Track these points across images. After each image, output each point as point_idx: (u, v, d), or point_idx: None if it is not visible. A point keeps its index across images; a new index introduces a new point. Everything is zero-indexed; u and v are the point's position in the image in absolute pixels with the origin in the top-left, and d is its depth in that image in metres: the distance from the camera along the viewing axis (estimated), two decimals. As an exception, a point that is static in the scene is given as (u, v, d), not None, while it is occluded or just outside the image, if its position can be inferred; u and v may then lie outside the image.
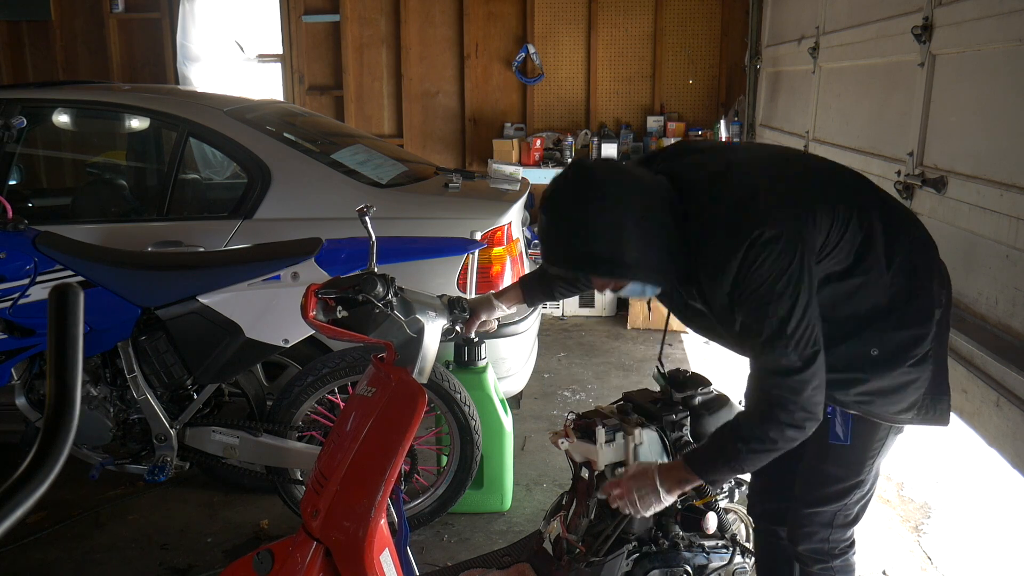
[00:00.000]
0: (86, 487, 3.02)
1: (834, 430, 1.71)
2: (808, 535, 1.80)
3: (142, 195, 3.91)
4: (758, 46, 5.46)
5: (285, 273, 2.53)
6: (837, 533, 1.80)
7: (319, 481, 1.71)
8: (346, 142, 3.57)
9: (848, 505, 1.78)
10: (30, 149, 4.60)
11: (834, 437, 1.72)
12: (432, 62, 6.12)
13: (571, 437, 2.13)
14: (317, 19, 6.09)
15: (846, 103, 3.59)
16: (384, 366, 1.75)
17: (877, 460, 1.76)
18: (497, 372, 3.09)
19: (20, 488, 0.79)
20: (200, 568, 2.67)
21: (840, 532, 1.80)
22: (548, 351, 4.67)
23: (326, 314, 1.70)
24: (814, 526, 1.79)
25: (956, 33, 2.44)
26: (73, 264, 2.55)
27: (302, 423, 2.73)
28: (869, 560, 2.70)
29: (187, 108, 3.18)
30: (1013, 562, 2.76)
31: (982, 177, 2.24)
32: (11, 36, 6.38)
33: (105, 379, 2.67)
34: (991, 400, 2.06)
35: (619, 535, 2.09)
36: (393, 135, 6.19)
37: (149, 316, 2.58)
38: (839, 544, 1.81)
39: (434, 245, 2.79)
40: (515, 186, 3.57)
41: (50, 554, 2.75)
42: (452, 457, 2.78)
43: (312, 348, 2.85)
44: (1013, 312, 2.07)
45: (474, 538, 2.82)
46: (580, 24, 5.97)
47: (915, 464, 3.42)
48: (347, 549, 1.66)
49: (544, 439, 3.50)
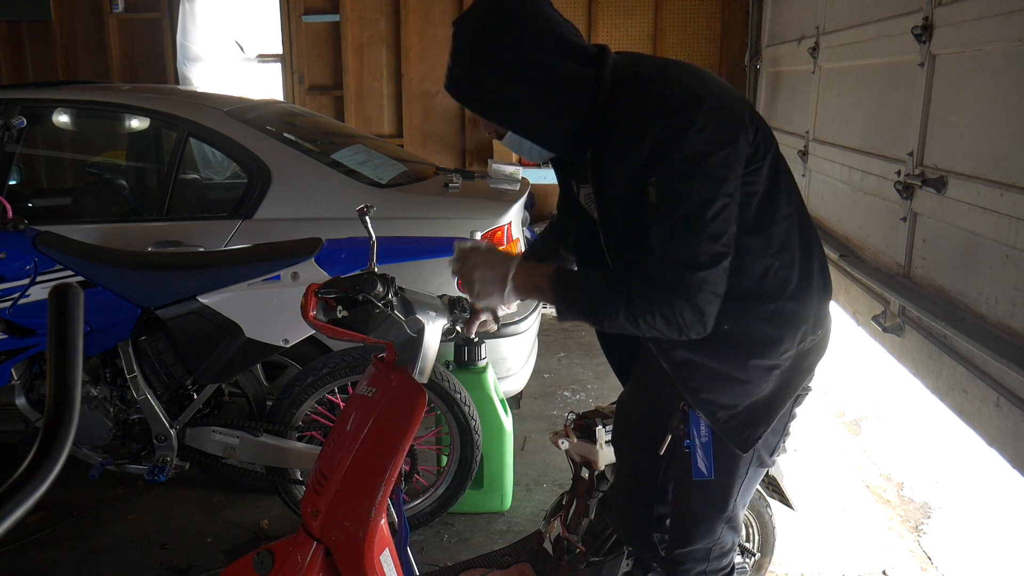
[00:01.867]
0: (86, 487, 3.01)
1: (696, 466, 1.62)
2: (685, 571, 1.77)
3: (142, 195, 3.90)
4: (758, 46, 5.47)
5: (285, 273, 2.53)
6: (714, 564, 1.77)
7: (319, 481, 1.71)
8: (346, 142, 3.57)
9: (721, 540, 1.74)
10: (30, 149, 4.60)
11: (697, 474, 1.62)
12: (432, 62, 6.12)
13: (571, 437, 2.13)
14: (317, 19, 6.09)
15: (846, 103, 3.59)
16: (384, 366, 1.75)
17: (740, 495, 1.68)
18: (497, 372, 3.09)
19: (20, 488, 0.79)
20: (200, 568, 2.67)
21: (717, 563, 1.77)
22: (548, 351, 4.67)
23: (326, 314, 1.69)
24: (690, 563, 1.76)
25: (956, 33, 2.44)
26: (73, 264, 2.55)
27: (302, 423, 2.73)
28: (869, 560, 2.70)
29: (187, 108, 3.18)
30: (1013, 562, 2.76)
31: (982, 177, 2.24)
32: (11, 36, 6.38)
33: (105, 379, 2.67)
34: (991, 400, 2.07)
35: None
36: (393, 135, 6.19)
37: (149, 316, 2.58)
38: (718, 573, 1.78)
39: (434, 245, 2.79)
40: (515, 186, 3.57)
41: (50, 554, 2.75)
42: (452, 457, 2.78)
43: (312, 348, 2.85)
44: (1013, 312, 2.07)
45: (474, 538, 2.82)
46: (580, 24, 5.96)
47: (915, 464, 3.42)
48: (347, 549, 1.66)
49: (544, 439, 3.50)
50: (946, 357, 2.33)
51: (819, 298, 1.56)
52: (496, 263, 1.49)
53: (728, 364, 1.51)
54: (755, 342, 1.50)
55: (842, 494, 3.14)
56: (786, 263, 1.49)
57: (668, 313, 1.36)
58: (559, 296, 1.45)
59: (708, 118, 1.34)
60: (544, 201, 6.09)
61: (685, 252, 1.35)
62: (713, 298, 1.37)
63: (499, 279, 1.47)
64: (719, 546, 1.74)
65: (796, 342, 1.52)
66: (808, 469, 3.33)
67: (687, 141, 1.33)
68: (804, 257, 1.52)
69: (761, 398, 1.54)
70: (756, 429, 1.55)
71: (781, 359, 1.52)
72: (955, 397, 2.29)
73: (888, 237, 2.90)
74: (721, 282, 1.38)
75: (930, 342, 2.44)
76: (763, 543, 2.29)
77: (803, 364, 1.57)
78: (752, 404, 1.54)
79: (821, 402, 4.09)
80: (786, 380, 1.55)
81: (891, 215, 2.84)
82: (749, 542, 2.28)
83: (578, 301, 1.45)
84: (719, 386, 1.53)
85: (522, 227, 3.53)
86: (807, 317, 1.52)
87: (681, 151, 1.33)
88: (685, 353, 1.53)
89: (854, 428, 3.80)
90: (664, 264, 1.37)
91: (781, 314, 1.49)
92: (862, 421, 3.88)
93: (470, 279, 1.50)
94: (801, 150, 4.13)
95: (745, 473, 1.65)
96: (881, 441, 3.65)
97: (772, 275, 1.48)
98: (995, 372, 2.07)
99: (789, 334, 1.50)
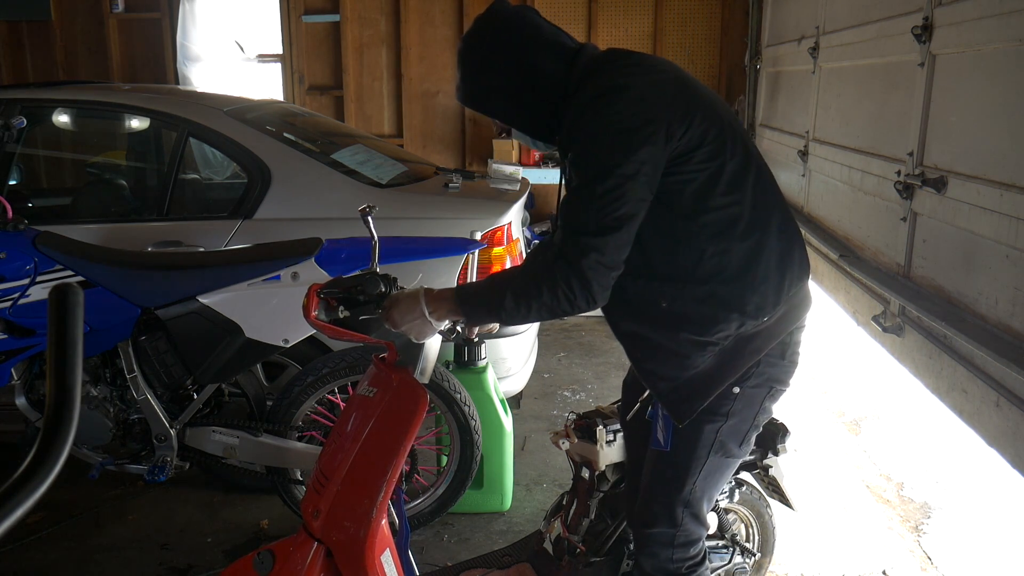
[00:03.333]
0: (86, 487, 3.02)
1: (655, 436, 1.69)
2: (652, 553, 1.79)
3: (142, 195, 3.90)
4: (758, 46, 5.47)
5: (285, 273, 2.53)
6: (680, 552, 1.78)
7: (320, 481, 1.71)
8: (346, 142, 3.57)
9: (684, 528, 1.76)
10: (30, 149, 4.60)
11: (655, 443, 1.70)
12: (432, 62, 6.12)
13: (571, 437, 2.13)
14: (317, 19, 6.09)
15: (846, 103, 3.59)
16: (385, 366, 1.75)
17: (701, 480, 1.72)
18: (497, 372, 3.09)
19: (20, 488, 0.79)
20: (200, 568, 2.67)
21: (682, 551, 1.78)
22: (548, 351, 4.67)
23: (328, 314, 1.70)
24: (655, 546, 1.78)
25: (956, 33, 2.44)
26: (73, 264, 2.55)
27: (302, 423, 2.73)
28: (869, 560, 2.70)
29: (187, 108, 3.18)
30: (1013, 562, 2.76)
31: (982, 177, 2.24)
32: (11, 36, 6.38)
33: (105, 379, 2.67)
34: (991, 400, 2.06)
35: (620, 535, 2.10)
36: (393, 135, 6.19)
37: (149, 316, 2.58)
38: (685, 563, 1.79)
39: (434, 245, 2.79)
40: (515, 186, 3.57)
41: (50, 554, 2.75)
42: (452, 457, 2.78)
43: (312, 348, 2.85)
44: (1013, 312, 2.07)
45: (474, 538, 2.82)
46: (580, 24, 5.97)
47: (915, 464, 3.42)
48: (348, 549, 1.66)
49: (544, 439, 3.50)
50: (946, 357, 2.33)
51: (768, 288, 1.61)
52: (406, 300, 1.63)
53: (666, 338, 1.63)
54: (689, 319, 1.60)
55: (842, 494, 3.14)
56: (720, 250, 1.58)
57: (552, 284, 1.50)
58: (461, 302, 1.60)
59: (619, 105, 1.48)
60: (544, 201, 6.09)
61: (573, 218, 1.50)
62: (599, 267, 1.48)
63: (416, 312, 1.61)
64: (683, 534, 1.76)
65: (734, 324, 1.60)
66: (808, 469, 3.33)
67: (593, 122, 1.49)
68: (754, 248, 1.59)
69: (698, 372, 1.62)
70: (693, 403, 1.64)
71: (715, 337, 1.60)
72: (955, 397, 2.29)
73: (888, 237, 2.90)
74: (610, 253, 1.49)
75: (930, 342, 2.44)
76: (763, 543, 2.29)
77: (747, 347, 1.63)
78: (690, 378, 1.63)
79: (821, 402, 4.09)
80: (727, 359, 1.63)
81: (891, 215, 2.84)
82: (749, 542, 2.28)
83: (477, 301, 1.60)
84: (660, 358, 1.65)
85: (522, 227, 3.53)
86: (747, 303, 1.59)
87: (585, 130, 1.50)
88: (631, 325, 1.67)
89: (854, 428, 3.80)
90: (559, 232, 1.52)
91: (714, 296, 1.59)
92: (862, 421, 3.88)
93: (397, 325, 1.63)
94: (801, 150, 4.13)
95: (705, 456, 1.70)
96: (881, 441, 3.65)
97: (706, 259, 1.58)
98: (995, 372, 2.07)
99: (723, 315, 1.59)
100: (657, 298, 1.60)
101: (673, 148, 1.51)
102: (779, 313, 1.63)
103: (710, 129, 1.54)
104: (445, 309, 1.61)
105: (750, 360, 1.64)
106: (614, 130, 1.47)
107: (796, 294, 1.66)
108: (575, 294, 1.50)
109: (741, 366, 1.64)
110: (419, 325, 1.61)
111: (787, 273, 1.64)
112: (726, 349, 1.61)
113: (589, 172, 1.48)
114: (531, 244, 3.78)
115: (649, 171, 1.49)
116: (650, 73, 1.57)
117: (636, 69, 1.57)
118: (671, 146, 1.50)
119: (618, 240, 1.49)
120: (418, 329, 1.62)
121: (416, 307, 1.60)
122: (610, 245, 1.48)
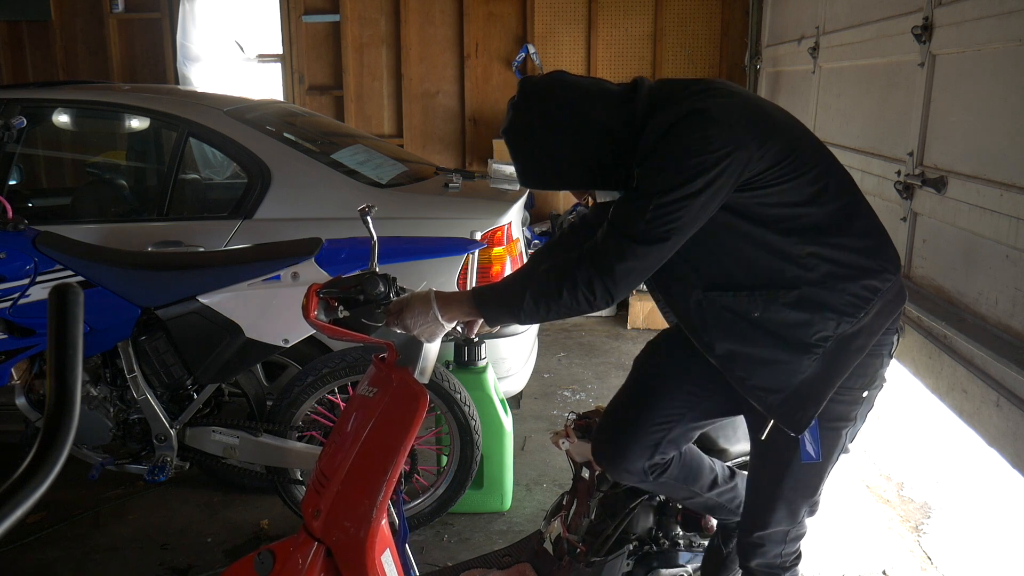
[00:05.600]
0: (86, 487, 3.01)
1: (805, 450, 1.69)
2: (762, 552, 1.82)
3: (142, 195, 3.90)
4: (758, 46, 5.47)
5: (285, 273, 2.53)
6: (790, 547, 1.83)
7: (320, 481, 1.71)
8: (346, 142, 3.57)
9: (801, 522, 1.81)
10: (30, 149, 4.60)
11: (806, 457, 1.69)
12: (432, 62, 6.12)
13: (571, 437, 2.13)
14: (317, 19, 6.09)
15: (846, 103, 3.59)
16: (385, 366, 1.75)
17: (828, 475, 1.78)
18: (497, 372, 3.09)
19: (20, 488, 0.79)
20: (200, 568, 2.67)
21: (792, 545, 1.83)
22: (548, 351, 4.67)
23: (328, 314, 1.70)
24: (768, 544, 1.81)
25: (956, 33, 2.44)
26: (73, 264, 2.55)
27: (302, 423, 2.73)
28: (869, 560, 2.70)
29: (187, 108, 3.18)
30: (1013, 562, 2.76)
31: (982, 177, 2.24)
32: (11, 36, 6.38)
33: (105, 379, 2.66)
34: (991, 400, 2.07)
35: (620, 535, 2.10)
36: (393, 135, 6.19)
37: (149, 316, 2.58)
38: (790, 557, 1.84)
39: (434, 245, 2.79)
40: (515, 186, 3.57)
41: (50, 554, 2.75)
42: (452, 457, 2.78)
43: (312, 348, 2.85)
44: (1013, 312, 2.08)
45: (474, 538, 2.82)
46: (580, 24, 5.97)
47: (915, 464, 3.42)
48: (348, 549, 1.66)
49: (544, 439, 3.50)
50: (946, 357, 2.33)
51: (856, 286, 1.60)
52: (418, 301, 1.65)
53: (766, 348, 1.62)
54: (786, 324, 1.60)
55: (842, 494, 3.14)
56: (805, 254, 1.59)
57: (572, 285, 1.53)
58: (479, 304, 1.64)
59: (698, 130, 1.48)
60: (544, 201, 6.10)
61: (625, 221, 1.52)
62: (633, 273, 1.52)
63: (429, 315, 1.63)
64: (797, 528, 1.80)
65: (831, 324, 1.59)
66: (808, 469, 3.33)
67: (672, 144, 1.50)
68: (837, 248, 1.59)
69: (807, 378, 1.61)
70: (808, 410, 1.62)
71: (815, 339, 1.59)
72: (955, 397, 2.29)
73: (888, 237, 2.90)
74: (650, 262, 1.53)
75: (930, 342, 2.44)
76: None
77: (851, 346, 1.62)
78: (800, 384, 1.61)
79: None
80: (833, 360, 1.61)
81: (891, 215, 2.84)
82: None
83: (496, 303, 1.63)
84: (764, 372, 1.63)
85: (522, 227, 3.53)
86: (839, 303, 1.59)
87: (662, 150, 1.51)
88: (727, 344, 1.64)
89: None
90: (605, 228, 1.54)
91: (806, 298, 1.59)
92: (862, 421, 3.87)
93: (406, 325, 1.64)
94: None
95: (837, 458, 1.76)
96: (881, 441, 3.65)
97: (791, 265, 1.59)
98: (995, 372, 2.07)
99: (819, 316, 1.59)
100: (748, 308, 1.60)
101: (750, 170, 1.52)
102: (875, 309, 1.63)
103: (784, 147, 1.55)
104: (458, 311, 1.64)
105: (856, 358, 1.64)
106: (690, 153, 1.48)
107: (889, 289, 1.66)
108: (595, 295, 1.53)
109: (848, 366, 1.64)
110: (431, 327, 1.65)
111: (871, 272, 1.65)
112: (829, 351, 1.61)
113: (656, 186, 1.50)
114: (531, 244, 3.78)
115: (713, 194, 1.50)
116: (725, 97, 1.58)
117: (711, 94, 1.57)
118: (749, 168, 1.52)
119: (661, 251, 1.52)
120: (429, 331, 1.65)
121: (428, 310, 1.63)
122: (652, 255, 1.52)
